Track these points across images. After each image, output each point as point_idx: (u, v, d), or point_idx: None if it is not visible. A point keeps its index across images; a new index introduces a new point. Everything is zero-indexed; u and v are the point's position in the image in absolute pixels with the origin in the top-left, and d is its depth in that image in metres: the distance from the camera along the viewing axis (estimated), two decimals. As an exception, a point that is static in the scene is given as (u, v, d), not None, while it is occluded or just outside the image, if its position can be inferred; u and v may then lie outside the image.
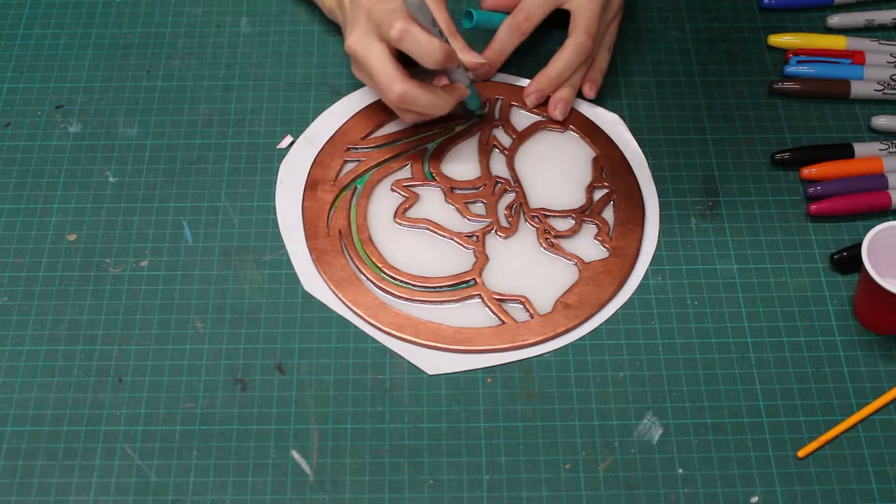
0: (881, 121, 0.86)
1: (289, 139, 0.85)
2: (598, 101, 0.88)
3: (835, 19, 0.92)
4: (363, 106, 0.88)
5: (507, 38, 0.87)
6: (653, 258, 0.80)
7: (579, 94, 0.88)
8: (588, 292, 0.78)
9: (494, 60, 0.88)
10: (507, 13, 0.88)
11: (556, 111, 0.86)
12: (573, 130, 0.87)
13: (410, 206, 0.83)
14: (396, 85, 0.77)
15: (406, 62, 0.80)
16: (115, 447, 0.72)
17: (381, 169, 0.84)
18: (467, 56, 0.83)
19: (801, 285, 0.79)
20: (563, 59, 0.85)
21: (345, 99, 0.88)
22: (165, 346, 0.76)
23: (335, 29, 0.92)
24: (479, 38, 0.90)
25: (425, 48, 0.76)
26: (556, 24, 0.88)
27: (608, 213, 0.83)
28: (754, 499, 0.70)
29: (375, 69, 0.78)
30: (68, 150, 0.85)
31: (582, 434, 0.72)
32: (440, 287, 0.79)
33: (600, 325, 0.77)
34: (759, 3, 0.94)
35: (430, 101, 0.79)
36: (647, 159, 0.85)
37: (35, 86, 0.89)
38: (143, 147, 0.86)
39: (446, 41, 0.78)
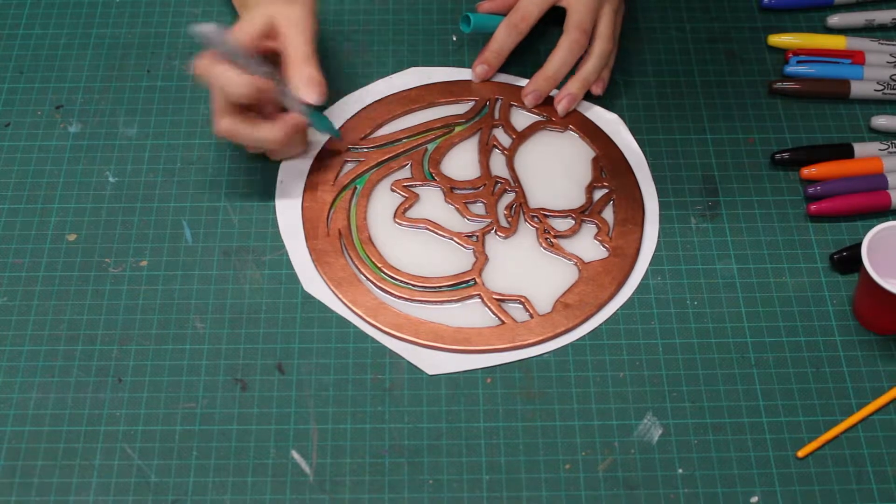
0: (881, 121, 0.86)
1: None
2: (598, 101, 0.88)
3: (835, 19, 0.92)
4: (363, 106, 0.88)
5: (504, 38, 0.87)
6: (653, 258, 0.80)
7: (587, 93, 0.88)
8: (588, 292, 0.78)
9: (493, 61, 0.88)
10: (504, 14, 0.88)
11: (560, 105, 0.86)
12: (573, 130, 0.87)
13: (410, 206, 0.83)
14: (221, 121, 0.77)
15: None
16: (115, 447, 0.72)
17: (380, 169, 0.84)
18: (304, 88, 0.77)
19: (801, 285, 0.79)
20: (559, 57, 0.85)
21: (345, 99, 0.88)
22: (165, 346, 0.76)
23: (335, 29, 0.92)
24: (477, 41, 0.90)
25: (224, 81, 0.75)
26: (554, 22, 0.88)
27: (608, 213, 0.83)
28: (754, 499, 0.70)
29: (212, 99, 0.77)
30: (68, 150, 0.85)
31: (582, 434, 0.72)
32: (440, 287, 0.79)
33: (600, 325, 0.77)
34: (759, 3, 0.94)
35: (257, 135, 0.78)
36: (647, 159, 0.85)
37: (35, 86, 0.89)
38: (143, 147, 0.86)
39: (269, 71, 0.76)
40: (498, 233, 0.81)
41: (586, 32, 0.85)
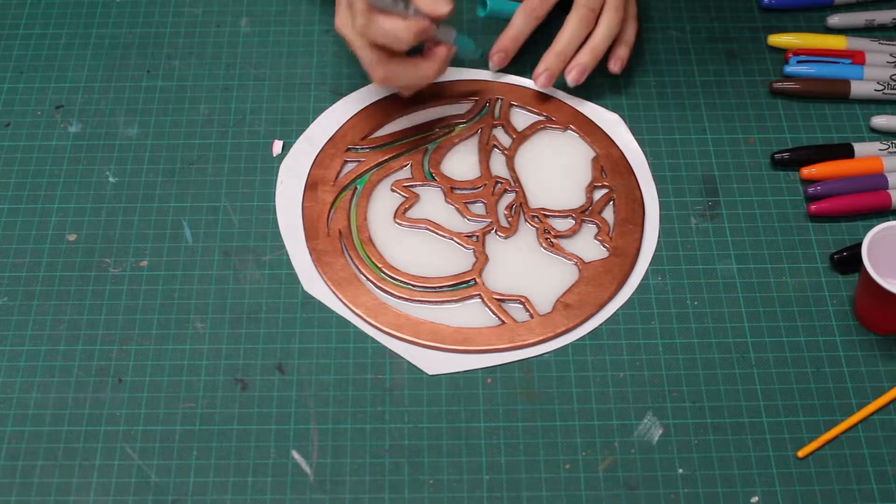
0: (880, 121, 0.86)
1: (279, 145, 0.85)
2: (598, 101, 0.88)
3: (835, 19, 0.92)
4: (363, 106, 0.88)
5: (522, 23, 0.86)
6: (653, 258, 0.80)
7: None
8: (588, 292, 0.78)
9: (510, 47, 0.87)
10: (520, 1, 0.87)
11: (570, 76, 0.86)
12: (573, 130, 0.87)
13: (410, 207, 0.83)
14: (377, 70, 0.78)
15: None
16: (115, 447, 0.72)
17: (380, 169, 0.84)
18: (434, 4, 0.76)
19: (801, 285, 0.79)
20: (567, 33, 0.85)
21: (345, 99, 0.88)
22: (165, 346, 0.76)
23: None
24: (492, 27, 0.90)
25: (392, 34, 0.76)
26: (565, 10, 0.88)
27: (608, 213, 0.83)
28: (754, 499, 0.70)
29: (358, 54, 0.79)
30: (68, 150, 0.85)
31: (582, 434, 0.72)
32: (440, 287, 0.79)
33: (600, 325, 0.77)
34: (759, 3, 0.94)
35: (414, 75, 0.80)
36: (647, 159, 0.85)
37: (35, 86, 0.89)
38: (143, 147, 0.86)
39: (405, 7, 0.76)
40: (498, 233, 0.81)
41: (594, 11, 0.85)
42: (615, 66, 0.87)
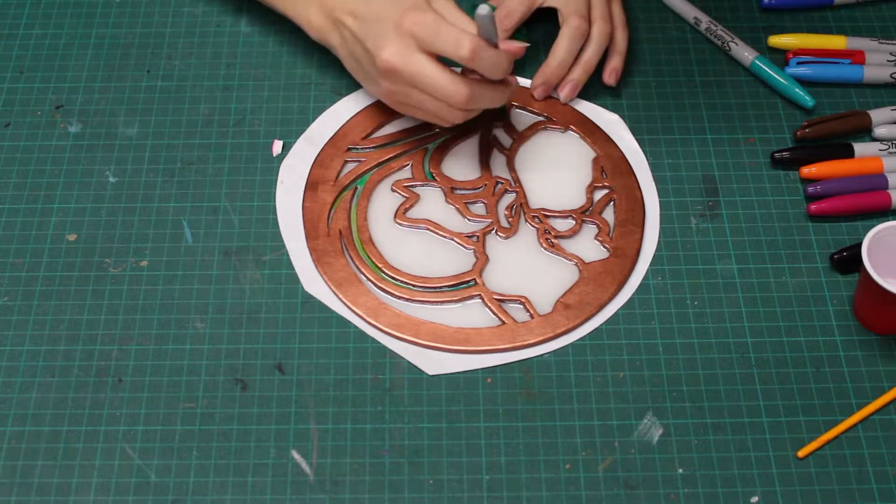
0: (881, 130, 0.86)
1: (279, 145, 0.85)
2: (598, 101, 0.88)
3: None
4: (363, 106, 0.88)
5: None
6: (653, 258, 0.80)
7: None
8: (588, 292, 0.78)
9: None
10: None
11: (563, 92, 0.86)
12: (573, 130, 0.87)
13: (411, 207, 0.83)
14: (462, 88, 0.76)
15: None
16: (115, 447, 0.72)
17: (381, 169, 0.84)
18: (513, 45, 0.79)
19: (801, 285, 0.79)
20: (562, 47, 0.85)
21: (345, 99, 0.88)
22: (165, 346, 0.76)
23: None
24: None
25: (495, 62, 0.76)
26: (551, 21, 0.88)
27: (608, 214, 0.83)
28: (754, 499, 0.70)
29: (431, 79, 0.76)
30: (68, 150, 0.85)
31: (582, 434, 0.72)
32: (440, 287, 0.79)
33: (600, 325, 0.77)
34: (759, 3, 0.94)
35: (495, 97, 0.79)
36: (647, 159, 0.85)
37: (35, 86, 0.89)
38: (143, 147, 0.86)
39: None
40: (498, 233, 0.81)
41: (585, 18, 0.85)
42: (610, 78, 0.87)
